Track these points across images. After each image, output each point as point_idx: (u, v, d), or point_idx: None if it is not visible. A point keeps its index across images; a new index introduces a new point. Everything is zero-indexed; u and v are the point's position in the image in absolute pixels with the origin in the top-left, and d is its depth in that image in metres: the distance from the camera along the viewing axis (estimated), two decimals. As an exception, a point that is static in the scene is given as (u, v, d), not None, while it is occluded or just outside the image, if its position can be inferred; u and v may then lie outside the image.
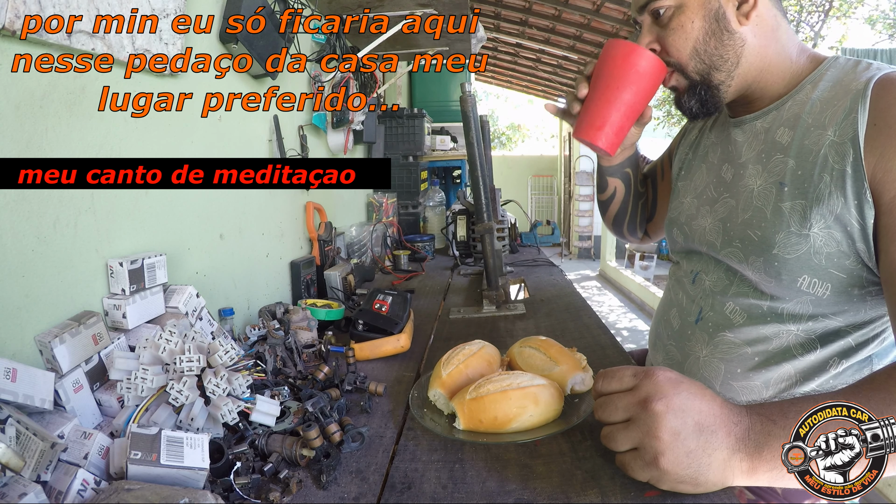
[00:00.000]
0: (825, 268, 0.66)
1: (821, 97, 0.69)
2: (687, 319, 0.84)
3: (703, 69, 0.73)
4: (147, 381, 0.59)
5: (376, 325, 0.96)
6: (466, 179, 2.84)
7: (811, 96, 0.70)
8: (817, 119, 0.67)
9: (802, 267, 0.68)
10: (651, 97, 0.77)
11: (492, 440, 0.64)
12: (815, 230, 0.66)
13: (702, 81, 0.74)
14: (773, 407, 0.53)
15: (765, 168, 0.73)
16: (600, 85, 0.77)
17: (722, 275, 0.79)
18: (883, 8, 7.68)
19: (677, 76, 0.76)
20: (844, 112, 0.64)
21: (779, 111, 0.74)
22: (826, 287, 0.67)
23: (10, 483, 0.44)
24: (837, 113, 0.65)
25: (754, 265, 0.72)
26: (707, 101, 0.75)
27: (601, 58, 0.78)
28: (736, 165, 0.79)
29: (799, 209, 0.67)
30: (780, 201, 0.69)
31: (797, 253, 0.67)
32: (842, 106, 0.65)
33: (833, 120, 0.65)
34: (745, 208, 0.74)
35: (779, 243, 0.69)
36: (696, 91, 0.75)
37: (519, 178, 9.43)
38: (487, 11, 5.49)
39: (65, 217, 0.65)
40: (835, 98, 0.67)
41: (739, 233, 0.74)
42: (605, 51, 0.77)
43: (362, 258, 1.66)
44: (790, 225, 0.68)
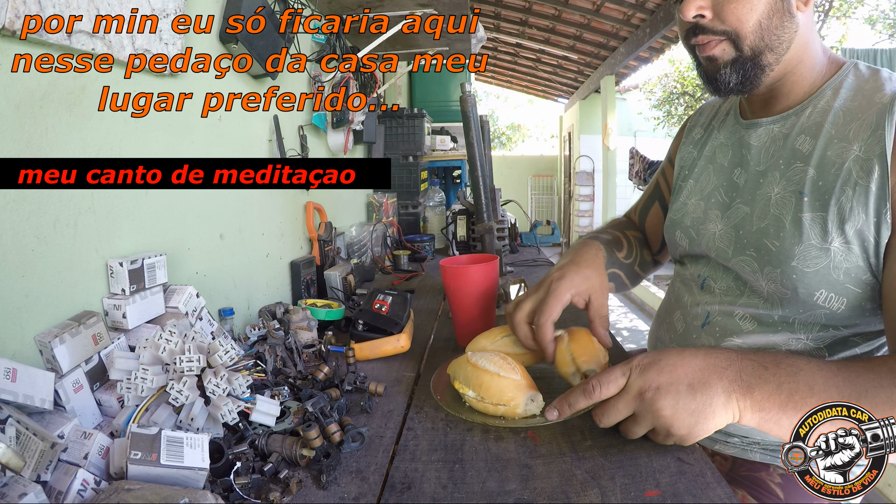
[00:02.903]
0: (843, 283, 0.65)
1: (843, 106, 0.68)
2: (692, 323, 0.82)
3: (760, 47, 0.69)
4: (147, 381, 0.59)
5: (376, 325, 0.96)
6: (466, 179, 2.84)
7: (833, 105, 0.69)
8: (841, 131, 0.66)
9: (821, 281, 0.66)
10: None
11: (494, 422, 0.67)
12: (836, 244, 0.65)
13: (752, 58, 0.70)
14: (767, 356, 0.57)
15: (783, 175, 0.71)
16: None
17: (731, 283, 0.77)
18: (883, 8, 7.68)
19: (726, 45, 0.70)
20: (871, 127, 0.63)
21: (798, 117, 0.72)
22: (842, 301, 0.67)
23: (10, 483, 0.44)
24: (863, 127, 0.64)
25: (770, 276, 0.70)
26: (750, 78, 0.71)
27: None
28: (750, 171, 0.77)
29: (820, 222, 0.66)
30: (799, 212, 0.67)
31: (817, 267, 0.66)
32: (868, 120, 0.64)
33: (859, 134, 0.64)
34: (762, 216, 0.72)
35: (798, 255, 0.67)
36: (745, 66, 0.70)
37: (519, 178, 9.43)
38: (487, 11, 5.50)
39: (65, 217, 0.65)
40: (858, 109, 0.66)
41: (754, 241, 0.72)
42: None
43: (362, 258, 1.66)
44: (811, 238, 0.66)
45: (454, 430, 0.67)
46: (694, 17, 0.70)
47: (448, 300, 0.97)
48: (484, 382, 0.69)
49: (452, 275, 0.92)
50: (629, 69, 6.30)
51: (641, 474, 0.56)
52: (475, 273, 0.92)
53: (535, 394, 0.68)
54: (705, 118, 0.92)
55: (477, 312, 0.93)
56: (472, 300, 0.93)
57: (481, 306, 0.93)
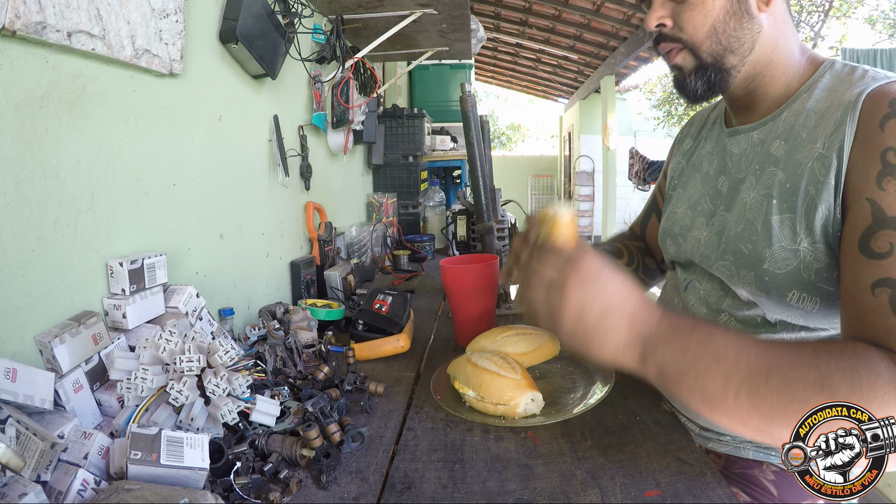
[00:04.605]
0: (815, 283, 0.65)
1: (815, 108, 0.68)
2: None
3: (719, 51, 0.70)
4: (147, 381, 0.59)
5: (376, 325, 0.97)
6: (466, 179, 2.84)
7: (806, 106, 0.69)
8: (811, 133, 0.66)
9: (793, 282, 0.67)
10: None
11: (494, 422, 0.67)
12: (805, 245, 0.65)
13: (713, 63, 0.71)
14: (686, 321, 0.56)
15: (758, 181, 0.71)
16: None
17: (716, 286, 0.78)
18: (883, 8, 7.68)
19: (685, 55, 0.72)
20: (835, 125, 0.63)
21: (775, 122, 0.72)
22: (815, 301, 0.67)
23: (10, 483, 0.44)
24: (829, 125, 0.64)
25: (745, 279, 0.71)
26: (715, 83, 0.72)
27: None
28: (732, 178, 0.77)
29: (788, 223, 0.66)
30: (769, 215, 0.68)
31: (787, 268, 0.66)
32: (833, 118, 0.64)
33: (824, 133, 0.64)
34: (738, 221, 0.73)
35: (769, 258, 0.67)
36: (706, 72, 0.71)
37: (519, 178, 9.43)
38: (487, 11, 5.50)
39: (65, 217, 0.64)
40: (828, 110, 0.65)
41: (732, 246, 0.73)
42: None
43: (362, 258, 1.66)
44: (781, 240, 0.67)
45: (454, 430, 0.67)
46: (656, 27, 0.72)
47: (448, 300, 0.97)
48: (484, 382, 0.69)
49: (452, 275, 0.92)
50: (629, 69, 6.31)
51: (641, 474, 0.56)
52: (475, 273, 0.92)
53: (535, 394, 0.68)
54: (695, 128, 0.93)
55: (477, 312, 0.93)
56: (472, 300, 0.93)
57: (481, 306, 0.94)
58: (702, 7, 0.69)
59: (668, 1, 0.71)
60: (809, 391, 0.49)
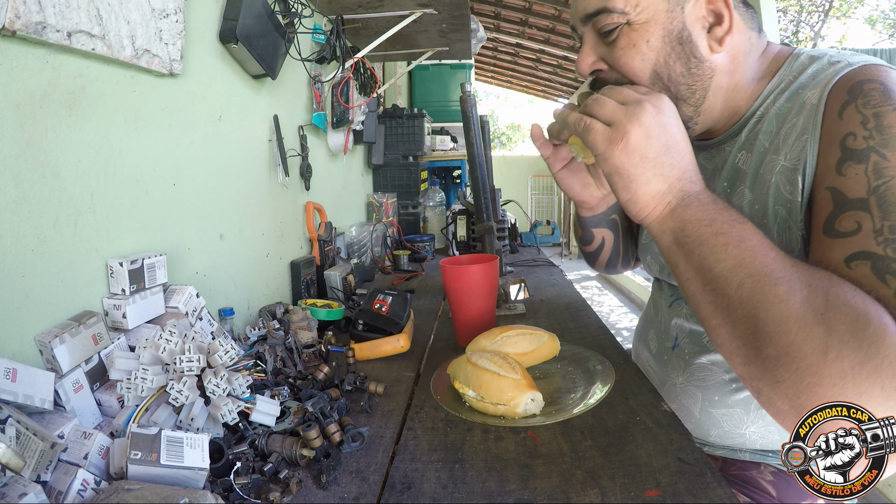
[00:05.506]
0: None
1: (778, 112, 0.63)
2: (664, 344, 0.84)
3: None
4: (147, 381, 0.59)
5: (376, 325, 0.97)
6: (466, 179, 2.84)
7: (769, 111, 0.64)
8: (774, 142, 0.62)
9: None
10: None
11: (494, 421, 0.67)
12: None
13: None
14: (722, 200, 0.54)
15: (730, 199, 0.68)
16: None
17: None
18: (883, 8, 7.68)
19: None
20: (798, 131, 0.59)
21: (740, 131, 0.68)
22: None
23: (10, 483, 0.44)
24: (792, 132, 0.60)
25: None
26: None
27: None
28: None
29: None
30: None
31: None
32: (796, 126, 0.59)
33: (787, 141, 0.60)
34: None
35: None
36: None
37: (519, 178, 9.42)
38: (487, 11, 5.50)
39: (65, 217, 0.64)
40: (790, 113, 0.61)
41: None
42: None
43: (362, 258, 1.66)
44: None
45: (454, 430, 0.67)
46: (591, 74, 0.67)
47: (448, 300, 0.98)
48: (484, 382, 0.69)
49: (452, 275, 0.92)
50: (629, 69, 6.29)
51: (641, 474, 0.56)
52: (475, 273, 0.92)
53: (535, 393, 0.68)
54: None
55: (477, 312, 0.93)
56: (472, 300, 0.93)
57: (481, 306, 0.94)
58: (634, 50, 0.62)
59: (600, 44, 0.65)
60: (809, 315, 0.46)
